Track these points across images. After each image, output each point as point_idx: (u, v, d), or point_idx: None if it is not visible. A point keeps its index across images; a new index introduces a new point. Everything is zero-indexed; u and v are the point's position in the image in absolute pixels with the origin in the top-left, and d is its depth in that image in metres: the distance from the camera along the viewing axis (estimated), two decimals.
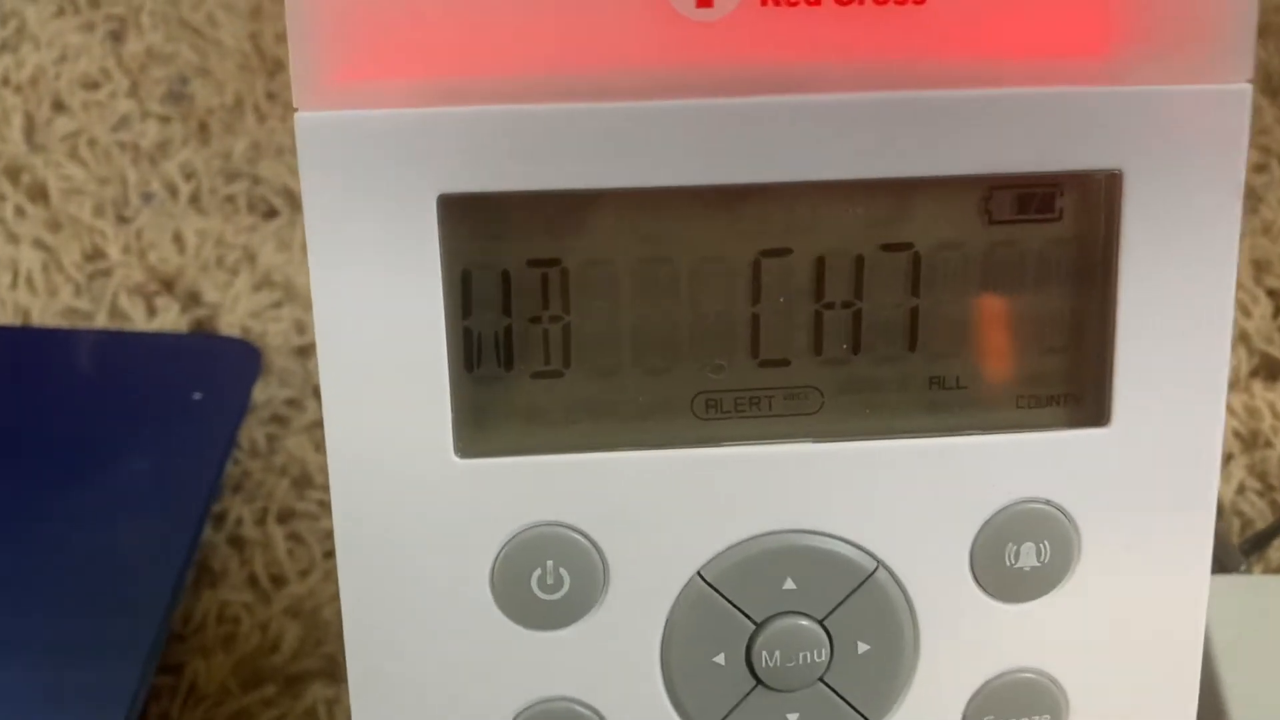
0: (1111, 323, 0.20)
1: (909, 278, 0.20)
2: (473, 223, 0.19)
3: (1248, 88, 0.20)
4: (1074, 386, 0.21)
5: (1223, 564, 0.32)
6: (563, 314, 0.20)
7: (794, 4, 0.19)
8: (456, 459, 0.20)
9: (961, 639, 0.21)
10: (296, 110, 0.19)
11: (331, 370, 0.20)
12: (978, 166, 0.20)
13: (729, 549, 0.21)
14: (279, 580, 0.34)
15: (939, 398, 0.21)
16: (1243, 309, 0.42)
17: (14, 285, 0.42)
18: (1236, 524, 0.36)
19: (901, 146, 0.19)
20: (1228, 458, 0.38)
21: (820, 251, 0.20)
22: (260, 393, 0.38)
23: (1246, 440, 0.38)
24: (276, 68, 0.50)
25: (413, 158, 0.19)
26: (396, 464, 0.20)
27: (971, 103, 0.19)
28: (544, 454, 0.20)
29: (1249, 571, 0.33)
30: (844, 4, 0.19)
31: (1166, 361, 0.20)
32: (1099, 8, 0.19)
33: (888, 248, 0.20)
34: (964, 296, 0.20)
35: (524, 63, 0.19)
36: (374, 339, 0.20)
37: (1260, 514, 0.37)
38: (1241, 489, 0.37)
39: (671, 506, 0.20)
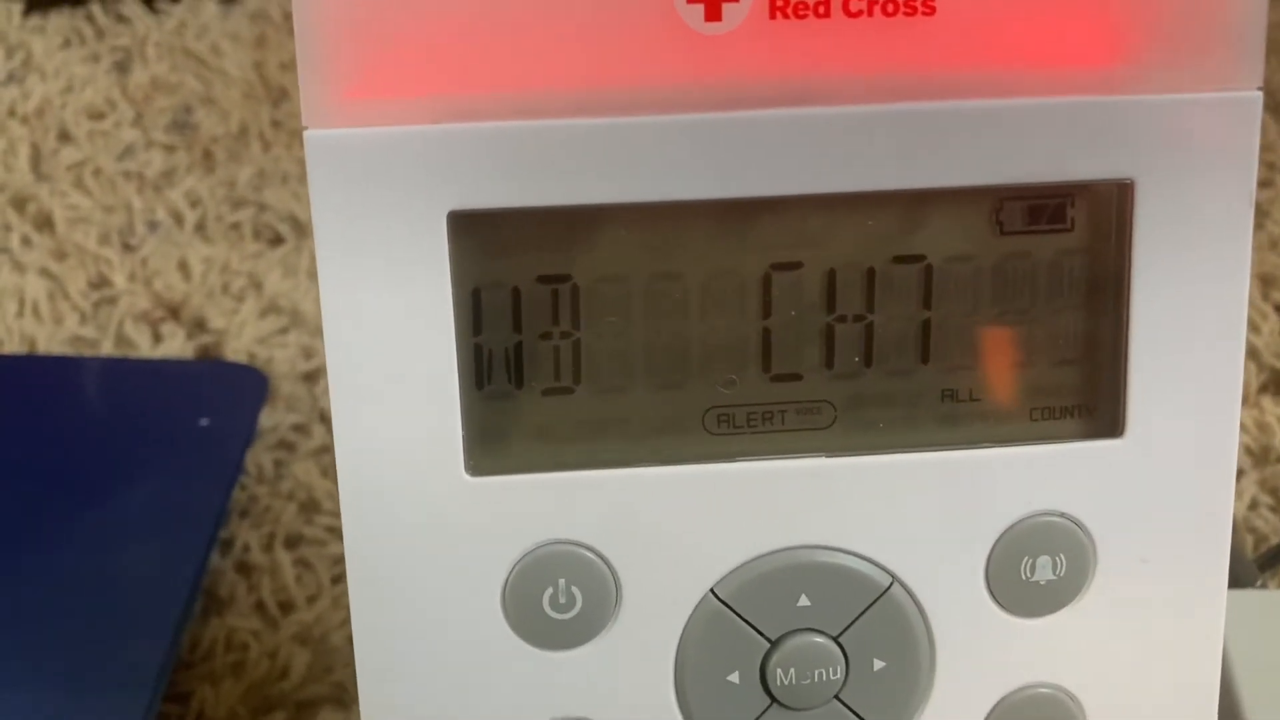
0: (1124, 333, 0.20)
1: (921, 290, 0.20)
2: (483, 239, 0.19)
3: (1258, 95, 0.20)
4: (1088, 398, 0.21)
5: (1238, 579, 0.32)
6: (573, 330, 0.20)
7: (803, 16, 0.19)
8: (467, 477, 0.20)
9: (977, 654, 0.21)
10: (305, 128, 0.19)
11: (341, 388, 0.20)
12: (989, 177, 0.20)
13: (742, 566, 0.20)
14: (287, 606, 0.34)
15: (952, 411, 0.21)
16: (1251, 325, 0.42)
17: (20, 314, 0.42)
18: (1250, 540, 0.36)
19: (912, 158, 0.19)
20: (1239, 474, 0.38)
21: (831, 264, 0.20)
22: (267, 418, 0.38)
23: (1258, 456, 0.38)
24: (281, 96, 0.50)
25: (422, 175, 0.19)
26: (407, 482, 0.20)
27: (982, 113, 0.19)
28: (555, 471, 0.20)
29: (1264, 587, 0.32)
30: (853, 16, 0.19)
31: (1181, 371, 0.20)
32: (1108, 17, 0.19)
33: (899, 260, 0.20)
34: (976, 308, 0.20)
35: (533, 79, 0.19)
36: (384, 356, 0.20)
37: (1274, 529, 0.36)
38: (1254, 505, 0.37)
39: (684, 523, 0.20)
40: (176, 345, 0.41)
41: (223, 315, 0.42)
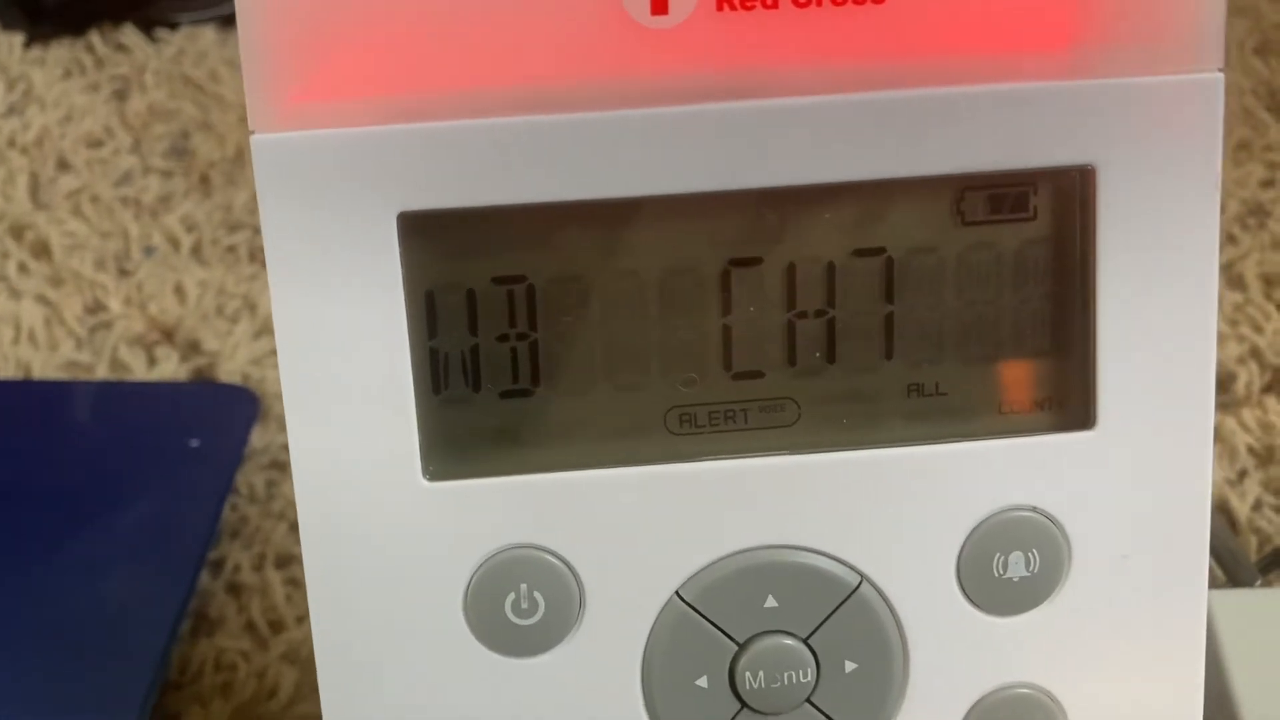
0: (1092, 322, 0.20)
1: (882, 283, 0.20)
2: (434, 241, 0.19)
3: (1219, 76, 0.19)
4: (1057, 389, 0.20)
5: (1239, 581, 0.32)
6: (530, 331, 0.20)
7: (750, 8, 0.19)
8: (425, 482, 0.20)
9: (952, 655, 0.21)
10: (252, 133, 0.19)
11: (295, 395, 0.19)
12: (948, 167, 0.19)
13: (708, 567, 0.20)
14: (277, 626, 0.34)
15: (918, 406, 0.20)
16: (1254, 324, 0.41)
17: (16, 340, 0.42)
18: (1254, 541, 0.35)
19: (868, 149, 0.19)
20: (1241, 474, 0.37)
21: (790, 259, 0.20)
22: (259, 438, 0.38)
23: (1261, 456, 0.37)
24: None
25: (370, 176, 0.19)
26: (364, 489, 0.20)
27: (937, 102, 0.19)
28: (515, 475, 0.20)
29: (1265, 586, 0.32)
30: (802, 6, 0.19)
31: (1151, 360, 0.20)
32: (1063, 1, 0.19)
33: (859, 253, 0.20)
34: (940, 301, 0.20)
35: (480, 76, 0.19)
36: (338, 362, 0.19)
37: (1278, 530, 0.36)
38: (1258, 505, 0.36)
39: (647, 525, 0.20)
40: (171, 368, 0.41)
41: (217, 337, 0.42)
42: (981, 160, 0.19)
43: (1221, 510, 0.36)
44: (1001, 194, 0.20)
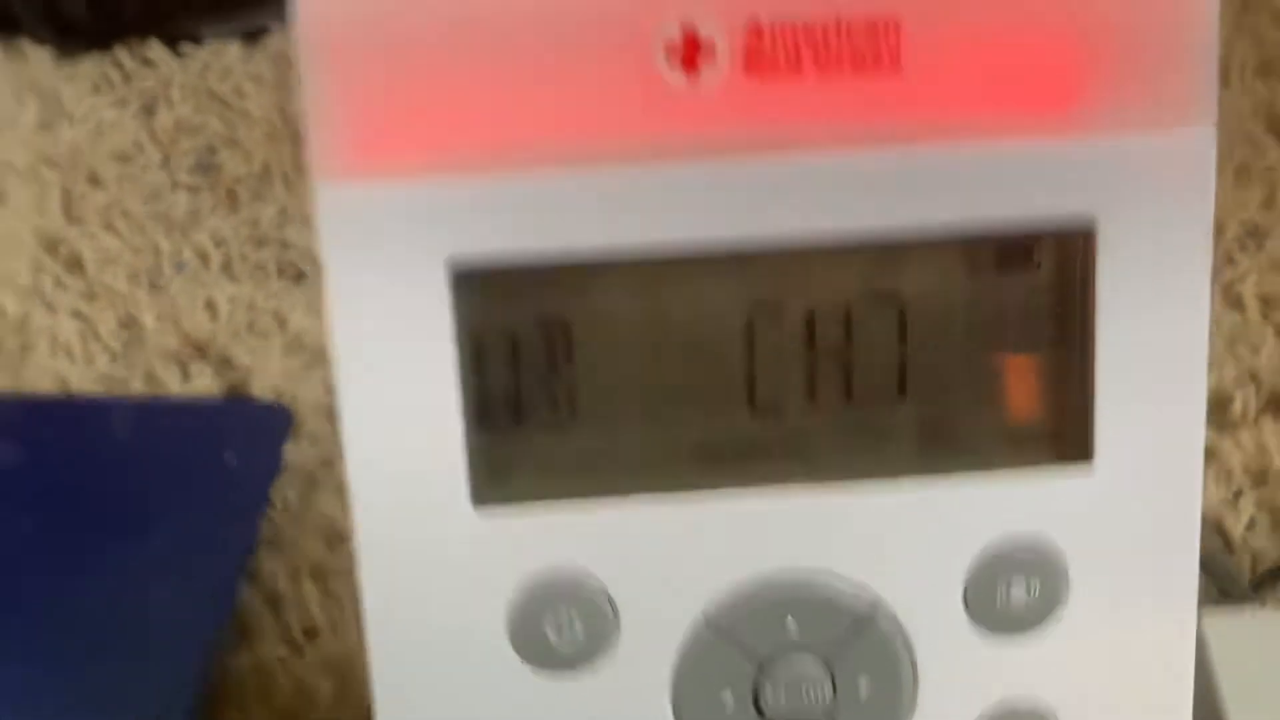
0: (1091, 365, 0.21)
1: (896, 328, 0.21)
2: (483, 287, 0.21)
3: (1213, 130, 0.21)
4: (1058, 425, 0.22)
5: (1231, 599, 0.33)
6: (569, 370, 0.21)
7: (777, 73, 0.20)
8: (472, 508, 0.21)
9: (958, 675, 0.22)
10: (318, 182, 0.20)
11: (355, 431, 0.21)
12: (958, 219, 0.21)
13: (732, 590, 0.21)
14: (312, 635, 0.35)
15: (928, 441, 0.22)
16: (1251, 346, 0.42)
17: (53, 354, 0.43)
18: (1248, 560, 0.37)
19: (883, 202, 0.21)
20: (1237, 495, 0.38)
21: (810, 305, 0.21)
22: (292, 453, 0.40)
23: (1256, 476, 0.39)
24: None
25: (425, 227, 0.20)
26: (418, 516, 0.21)
27: (949, 159, 0.20)
28: (554, 501, 0.21)
29: (1259, 606, 0.33)
30: (824, 71, 0.20)
31: (1145, 399, 0.21)
32: (1067, 62, 0.20)
33: (875, 300, 0.21)
34: (949, 344, 0.21)
35: (529, 136, 0.20)
36: (394, 400, 0.21)
37: (1273, 548, 0.37)
38: (1252, 525, 0.38)
39: (676, 550, 0.21)
40: (204, 383, 0.42)
41: (249, 353, 0.43)
42: (989, 213, 0.21)
43: (1216, 530, 0.37)
44: (1007, 246, 0.21)
